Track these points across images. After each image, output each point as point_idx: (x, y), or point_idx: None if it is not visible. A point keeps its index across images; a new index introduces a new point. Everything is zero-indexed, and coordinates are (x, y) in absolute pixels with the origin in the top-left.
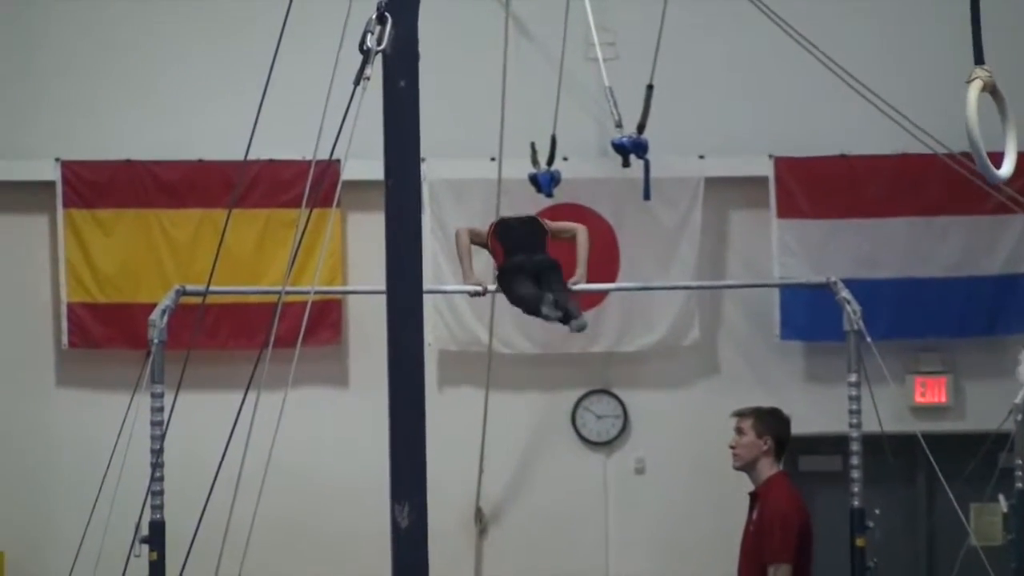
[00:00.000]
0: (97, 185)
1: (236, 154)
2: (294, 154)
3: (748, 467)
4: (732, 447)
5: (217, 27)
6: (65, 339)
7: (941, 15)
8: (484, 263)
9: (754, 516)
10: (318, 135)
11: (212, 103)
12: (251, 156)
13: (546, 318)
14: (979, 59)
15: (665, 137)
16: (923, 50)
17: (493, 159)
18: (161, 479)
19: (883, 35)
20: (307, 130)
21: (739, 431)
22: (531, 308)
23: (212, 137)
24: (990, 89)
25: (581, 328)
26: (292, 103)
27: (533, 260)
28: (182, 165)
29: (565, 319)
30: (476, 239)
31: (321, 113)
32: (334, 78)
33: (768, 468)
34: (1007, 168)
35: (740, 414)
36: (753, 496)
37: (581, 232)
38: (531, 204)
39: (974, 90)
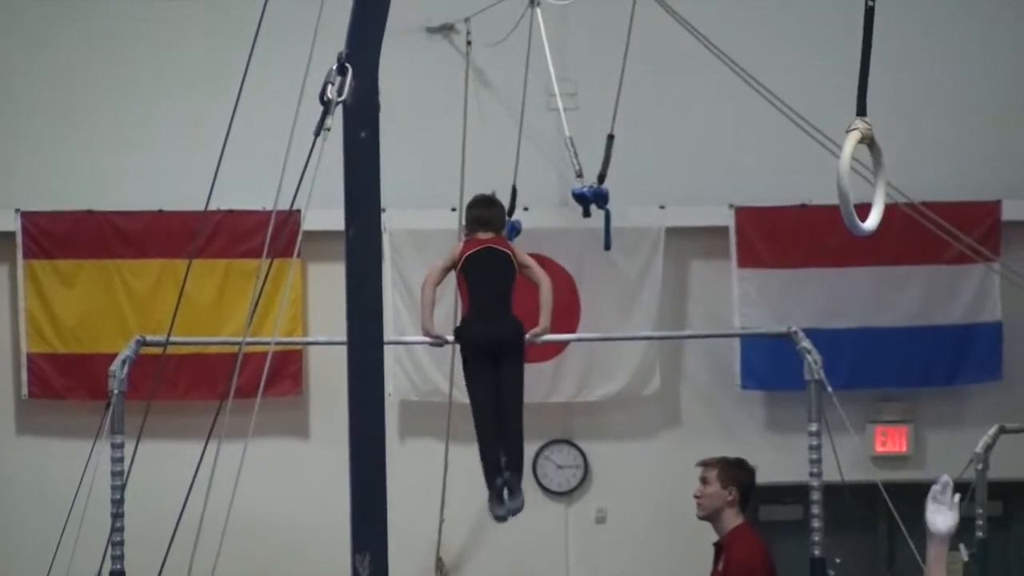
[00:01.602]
0: (57, 236)
1: (196, 204)
2: (255, 204)
3: (712, 517)
4: (697, 496)
5: (178, 77)
6: (25, 389)
7: (897, 67)
8: (444, 313)
9: (719, 567)
10: (279, 185)
11: (172, 153)
12: (211, 206)
13: (493, 509)
14: (861, 111)
15: (626, 187)
16: (881, 101)
17: (454, 209)
18: (121, 529)
19: (844, 85)
20: (267, 180)
21: (704, 480)
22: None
23: (172, 187)
24: (868, 141)
25: (514, 512)
26: (252, 153)
27: (495, 334)
28: (142, 215)
29: (506, 495)
30: (446, 269)
31: (281, 163)
32: (294, 129)
33: (732, 518)
34: (872, 221)
35: (705, 464)
36: (718, 547)
37: (545, 286)
38: None
39: (851, 140)
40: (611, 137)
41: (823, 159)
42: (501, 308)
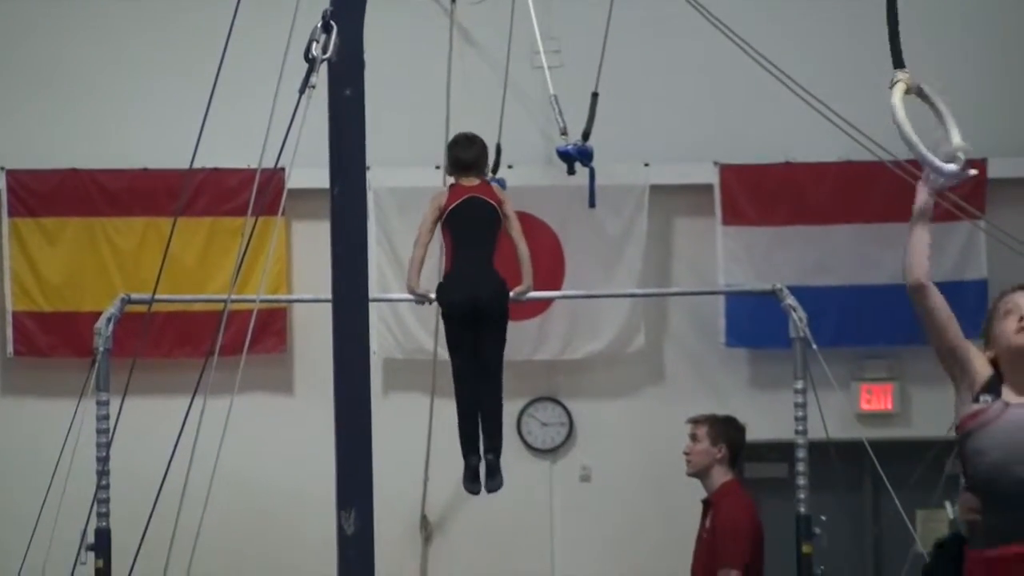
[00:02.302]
0: (42, 194)
1: (181, 162)
2: (239, 162)
3: (701, 474)
4: (686, 453)
5: (163, 36)
6: (10, 347)
7: (884, 25)
8: (429, 272)
9: (707, 523)
10: (263, 143)
11: (157, 111)
12: (196, 164)
13: (467, 485)
14: (898, 63)
15: (610, 145)
16: (868, 57)
17: (438, 167)
18: (107, 487)
19: (828, 42)
20: (252, 138)
21: (694, 437)
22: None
23: (157, 145)
24: (915, 91)
25: (492, 490)
26: (237, 111)
27: (476, 296)
28: (127, 173)
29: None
30: (435, 221)
31: (266, 121)
32: (279, 87)
33: (721, 475)
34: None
35: (695, 420)
36: (706, 503)
37: (522, 246)
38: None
39: (897, 92)
40: (595, 95)
41: (808, 116)
42: (484, 266)
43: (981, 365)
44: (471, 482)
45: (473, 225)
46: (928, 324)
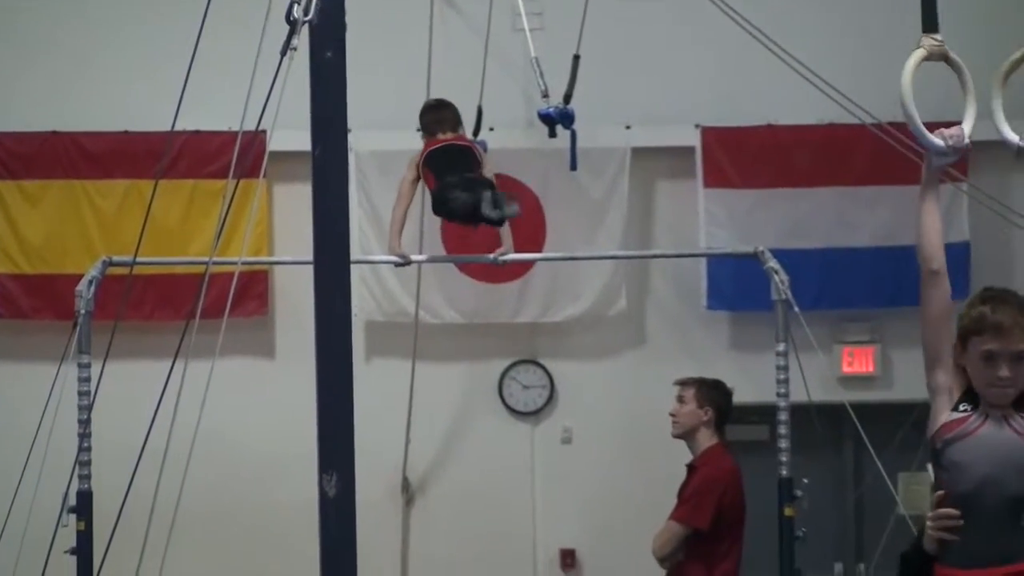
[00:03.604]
0: (23, 156)
1: (162, 125)
2: (221, 125)
3: (687, 436)
4: (672, 415)
5: None
6: None
7: None
8: (410, 234)
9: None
10: (244, 106)
11: (138, 74)
12: (177, 127)
13: (489, 220)
14: (928, 27)
15: (591, 107)
16: (851, 19)
17: (419, 130)
18: (88, 449)
19: (811, 5)
20: (234, 101)
21: (680, 399)
22: (471, 214)
23: (138, 108)
24: (939, 58)
25: (516, 214)
26: (219, 74)
27: (465, 177)
28: (108, 136)
29: (502, 219)
30: (415, 181)
31: (248, 84)
32: (261, 49)
33: (707, 439)
34: (967, 132)
35: (683, 382)
36: (690, 467)
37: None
38: None
39: (913, 58)
40: (577, 57)
41: (790, 79)
42: (471, 176)
43: (961, 374)
44: (491, 208)
45: (452, 159)
46: (926, 312)
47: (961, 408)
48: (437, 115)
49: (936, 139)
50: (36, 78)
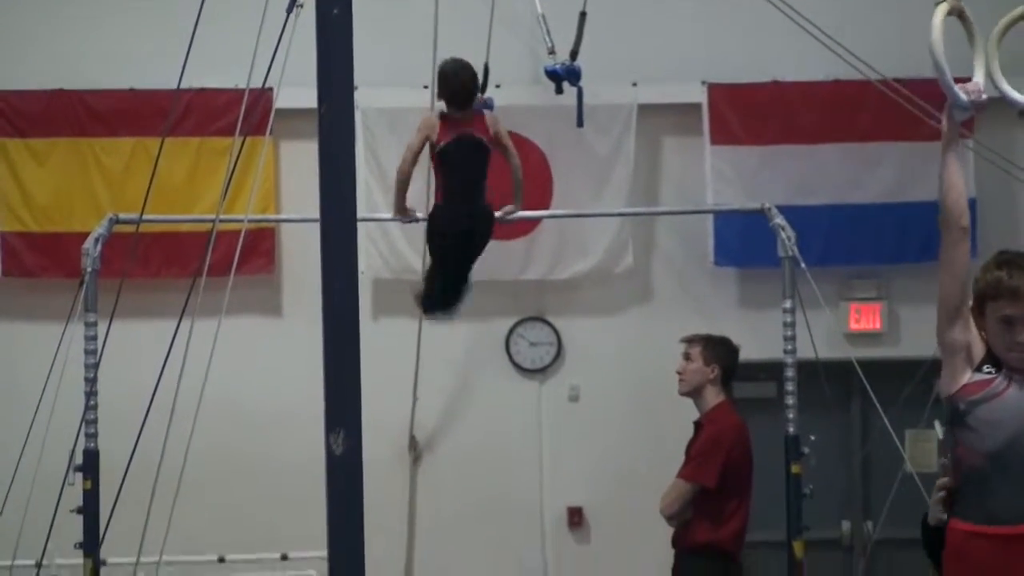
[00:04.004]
0: (30, 114)
1: (168, 82)
2: (227, 83)
3: (694, 393)
4: (679, 372)
5: None
6: None
7: None
8: (417, 191)
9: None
10: (251, 63)
11: (144, 31)
12: (184, 84)
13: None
14: None
15: (598, 64)
16: None
17: (426, 87)
18: (95, 407)
19: None
20: (240, 58)
21: (687, 356)
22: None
23: (145, 66)
24: (957, 12)
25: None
26: (225, 31)
27: (468, 226)
28: (115, 94)
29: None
30: (419, 150)
31: (254, 41)
32: (267, 6)
33: (714, 396)
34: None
35: (689, 340)
36: (697, 425)
37: (516, 163)
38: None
39: (940, 13)
40: (583, 14)
41: (796, 35)
42: (475, 196)
43: (980, 335)
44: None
45: (464, 162)
46: (951, 270)
47: (986, 369)
48: (449, 88)
49: (960, 93)
50: (42, 36)
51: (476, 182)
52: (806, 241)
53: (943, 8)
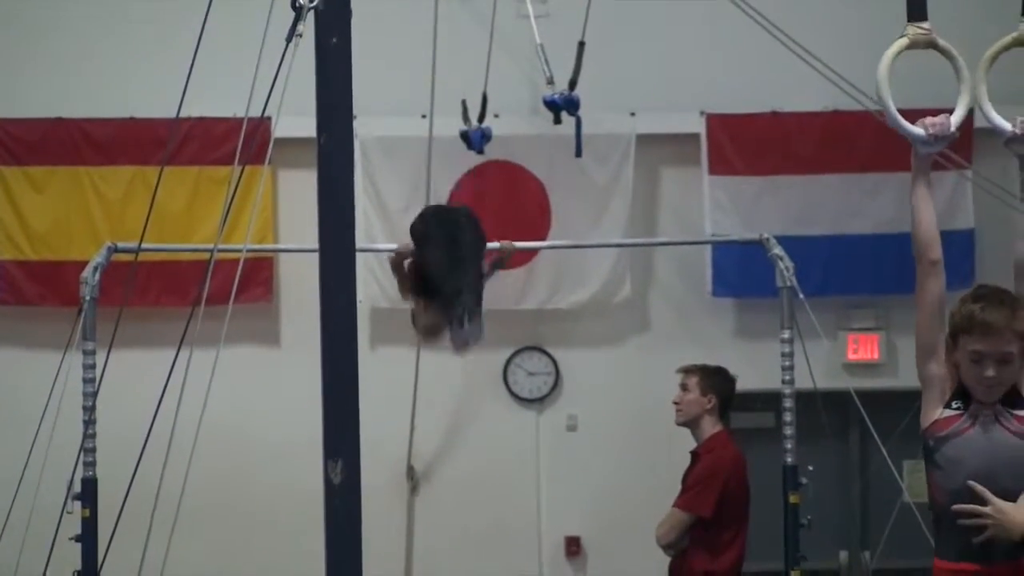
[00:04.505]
0: (28, 142)
1: (167, 111)
2: (226, 111)
3: (691, 424)
4: (676, 403)
5: None
6: None
7: None
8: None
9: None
10: (250, 92)
11: (143, 60)
12: (182, 113)
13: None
14: (914, 16)
15: (596, 94)
16: (854, 5)
17: (424, 117)
18: (93, 436)
19: None
20: (239, 87)
21: (684, 387)
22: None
23: (144, 94)
24: (925, 46)
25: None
26: (224, 60)
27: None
28: (113, 123)
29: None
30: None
31: (253, 70)
32: (266, 35)
33: (711, 426)
34: (955, 120)
35: (686, 370)
36: (694, 455)
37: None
38: (463, 162)
39: (893, 48)
40: (582, 44)
41: (795, 66)
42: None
43: (954, 369)
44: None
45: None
46: (922, 302)
47: (953, 405)
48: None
49: (917, 128)
50: (41, 64)
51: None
52: (804, 271)
53: (900, 43)
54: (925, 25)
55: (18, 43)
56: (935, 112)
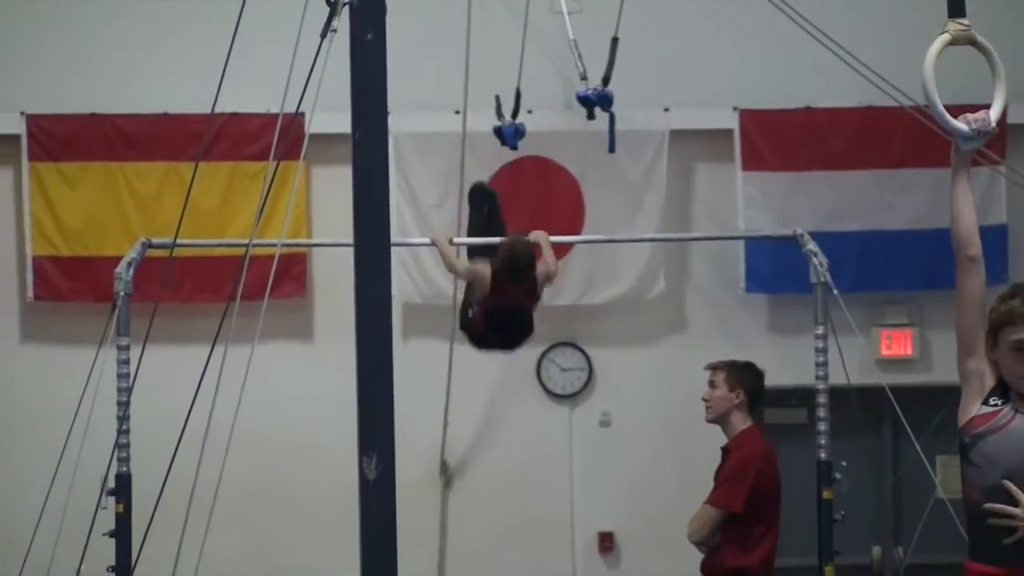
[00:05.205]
0: (62, 138)
1: (201, 107)
2: (260, 107)
3: (721, 420)
4: (705, 400)
5: None
6: (30, 292)
7: None
8: (448, 217)
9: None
10: (285, 88)
11: (178, 55)
12: (217, 109)
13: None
14: (954, 12)
15: (630, 90)
16: (888, 2)
17: (458, 112)
18: (127, 432)
19: None
20: (274, 83)
21: (712, 384)
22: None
23: (178, 90)
24: (965, 42)
25: None
26: (259, 56)
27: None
28: (147, 118)
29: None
30: (465, 274)
31: (288, 66)
32: (301, 31)
33: (741, 422)
34: (994, 115)
35: (714, 367)
36: (725, 451)
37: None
38: (496, 157)
39: (936, 44)
40: (615, 40)
41: (828, 61)
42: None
43: (993, 366)
44: None
45: (506, 325)
46: (961, 299)
47: (992, 402)
48: (508, 268)
49: (960, 124)
50: (74, 61)
51: (516, 333)
52: (837, 267)
53: (943, 39)
54: (964, 21)
55: (51, 40)
56: (959, 110)
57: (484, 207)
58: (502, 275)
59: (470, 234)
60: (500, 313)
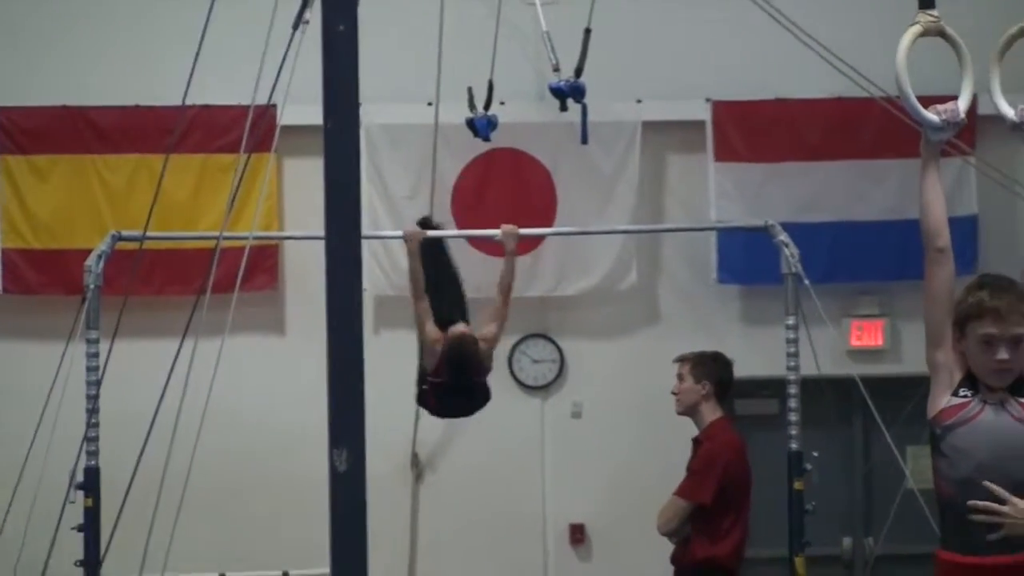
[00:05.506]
0: (32, 131)
1: (172, 99)
2: (231, 99)
3: (690, 412)
4: (674, 393)
5: None
6: (0, 285)
7: None
8: (420, 208)
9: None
10: (256, 80)
11: (148, 48)
12: (188, 101)
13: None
14: (925, 3)
15: (603, 81)
16: None
17: (430, 104)
18: (96, 425)
19: None
20: (245, 75)
21: (679, 377)
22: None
23: (149, 82)
24: (935, 34)
25: None
26: (230, 47)
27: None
28: (118, 110)
29: None
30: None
31: (259, 58)
32: (273, 22)
33: (710, 413)
34: (963, 106)
35: (681, 359)
36: (695, 442)
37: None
38: (468, 149)
39: (908, 35)
40: (588, 31)
41: (799, 53)
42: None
43: (961, 357)
44: None
45: (455, 396)
46: (930, 289)
47: (961, 393)
48: (457, 372)
49: (931, 114)
50: (45, 53)
51: (471, 405)
52: (809, 258)
53: (913, 30)
54: (935, 12)
55: (23, 32)
56: (928, 100)
57: (431, 254)
58: (446, 371)
59: (430, 290)
60: (451, 392)
